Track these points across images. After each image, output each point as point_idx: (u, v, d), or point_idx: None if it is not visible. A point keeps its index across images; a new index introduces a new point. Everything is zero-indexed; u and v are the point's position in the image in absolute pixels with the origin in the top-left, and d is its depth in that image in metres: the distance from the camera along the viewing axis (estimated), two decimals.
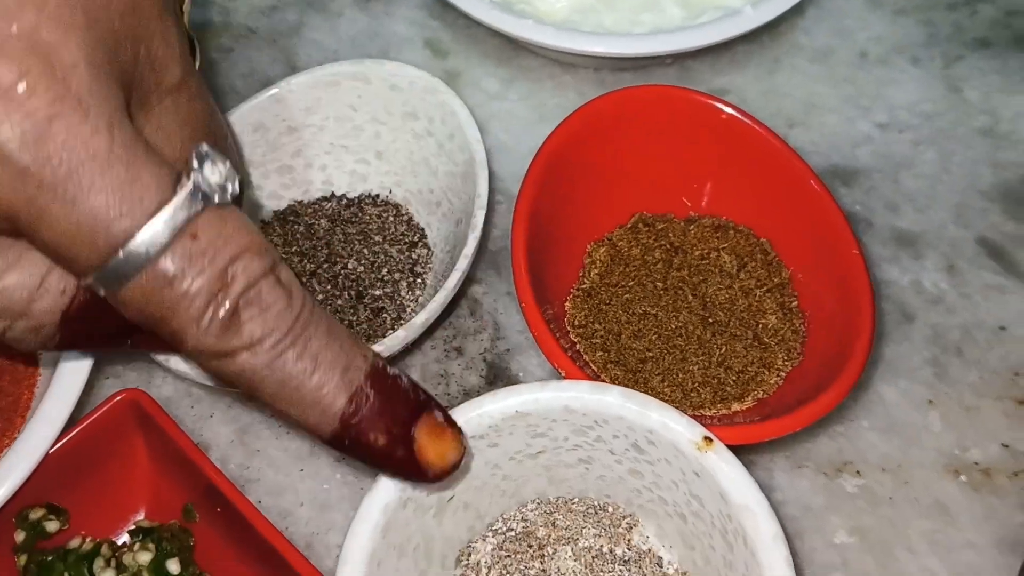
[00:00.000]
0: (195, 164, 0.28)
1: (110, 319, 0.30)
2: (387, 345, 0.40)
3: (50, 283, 0.30)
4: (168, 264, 0.27)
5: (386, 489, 0.36)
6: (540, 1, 0.54)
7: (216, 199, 0.28)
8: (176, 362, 0.40)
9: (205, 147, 0.29)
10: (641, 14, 0.55)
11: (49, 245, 0.27)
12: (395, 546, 0.37)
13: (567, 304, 0.46)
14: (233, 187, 0.29)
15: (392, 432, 0.31)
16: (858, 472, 0.45)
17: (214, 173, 0.28)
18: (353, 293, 0.45)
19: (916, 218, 0.51)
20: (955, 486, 0.44)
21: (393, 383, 0.32)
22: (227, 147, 0.37)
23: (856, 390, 0.46)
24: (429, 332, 0.47)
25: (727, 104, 0.46)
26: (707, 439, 0.35)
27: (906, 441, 0.45)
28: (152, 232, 0.27)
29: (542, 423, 0.38)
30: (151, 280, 0.27)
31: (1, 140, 0.25)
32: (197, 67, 0.36)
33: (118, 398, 0.40)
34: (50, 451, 0.38)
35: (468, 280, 0.49)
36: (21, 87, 0.25)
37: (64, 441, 0.39)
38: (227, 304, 0.28)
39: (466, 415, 0.37)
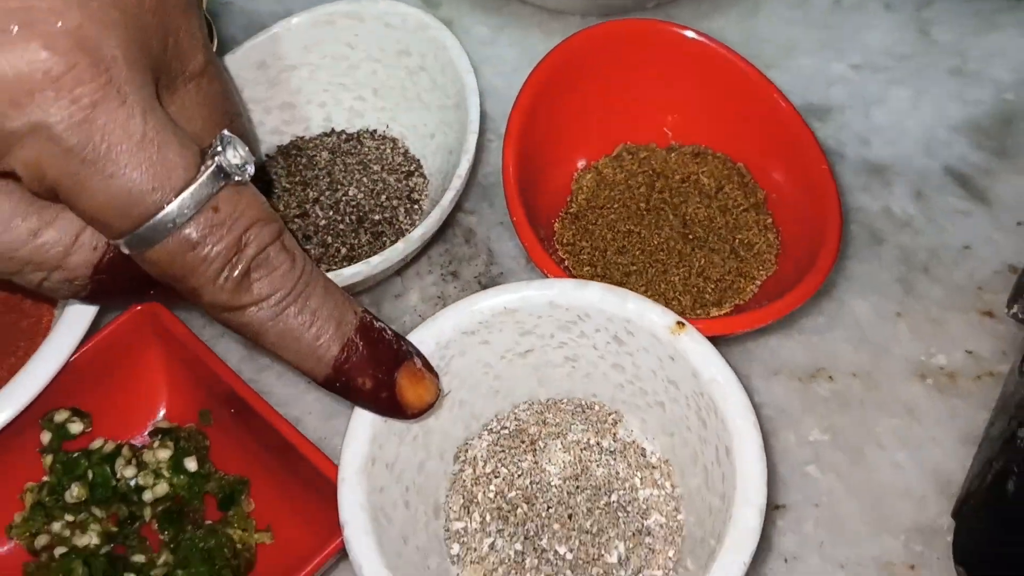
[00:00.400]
0: (219, 148, 0.32)
1: (137, 274, 0.34)
2: (386, 257, 0.43)
3: (83, 240, 0.34)
4: (191, 232, 0.32)
5: None
6: None
7: (234, 178, 0.32)
8: None
9: (228, 133, 0.33)
10: None
11: (87, 212, 0.32)
12: (395, 432, 0.40)
13: (556, 225, 0.49)
14: (250, 168, 0.33)
15: (377, 377, 0.36)
16: (831, 378, 0.48)
17: (235, 156, 0.33)
18: (354, 218, 0.48)
19: (886, 150, 0.54)
20: (922, 388, 0.47)
21: (379, 335, 0.37)
22: (243, 124, 0.41)
23: (828, 304, 0.49)
24: (426, 252, 0.50)
25: (703, 35, 0.49)
26: (679, 323, 0.38)
27: (876, 349, 0.48)
28: (179, 205, 0.31)
29: (529, 320, 0.41)
30: (176, 245, 0.32)
31: (51, 122, 0.29)
32: (214, 49, 0.40)
33: (137, 309, 0.43)
34: (73, 356, 0.42)
35: (462, 211, 0.52)
36: (70, 77, 0.29)
37: (86, 348, 0.42)
38: (240, 267, 0.33)
39: (458, 312, 0.40)
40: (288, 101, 0.50)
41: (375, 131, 0.51)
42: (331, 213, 0.48)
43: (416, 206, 0.49)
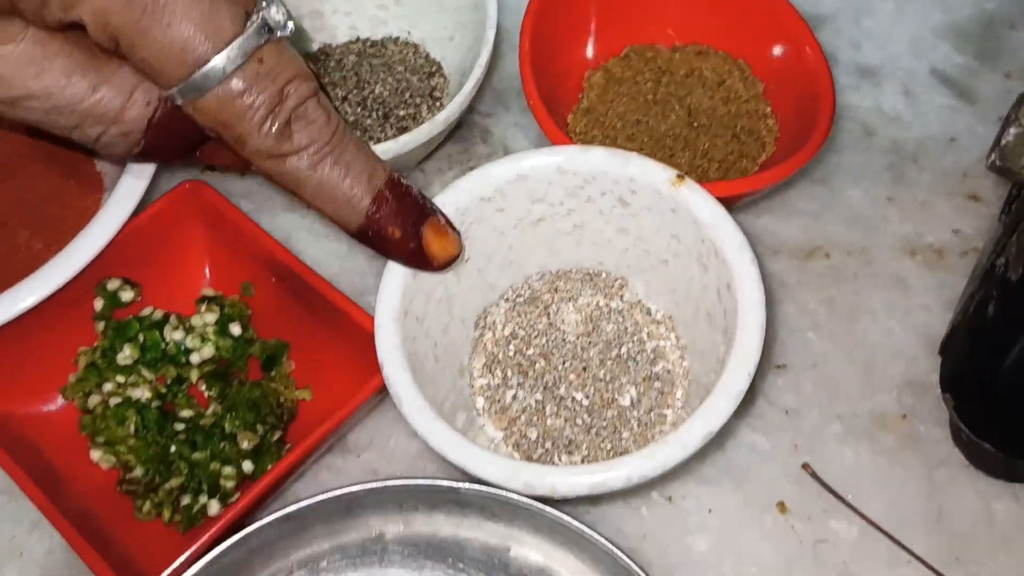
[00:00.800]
0: (263, 4, 0.36)
1: (186, 129, 0.38)
2: (414, 136, 0.46)
3: (138, 96, 0.38)
4: (239, 82, 0.35)
5: None
6: None
7: (277, 33, 0.36)
8: None
9: None
10: None
11: (145, 60, 0.35)
12: (423, 290, 0.43)
13: (568, 118, 0.52)
14: (291, 24, 0.37)
15: (406, 228, 0.40)
16: (827, 255, 0.51)
17: (277, 12, 0.36)
18: (380, 114, 0.51)
19: (876, 53, 0.58)
20: (912, 264, 0.50)
21: (406, 190, 0.40)
22: None
23: (823, 191, 0.53)
24: (446, 149, 0.54)
25: None
26: (679, 176, 0.42)
27: (868, 230, 0.52)
28: (227, 56, 0.35)
29: (539, 186, 0.44)
30: (225, 93, 0.35)
31: None
32: None
33: (185, 186, 0.47)
34: (123, 228, 0.45)
35: (479, 113, 0.56)
36: None
37: (135, 221, 0.46)
38: (282, 115, 0.36)
39: (475, 179, 0.44)
40: (316, 9, 0.54)
41: (397, 37, 0.55)
42: (359, 110, 0.51)
43: (438, 103, 0.52)
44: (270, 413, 0.44)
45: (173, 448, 0.43)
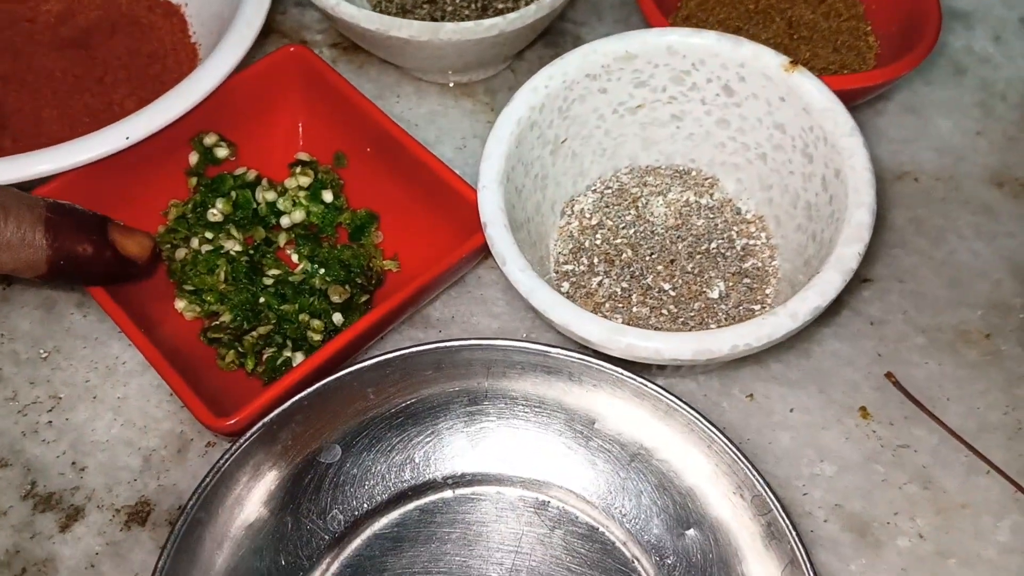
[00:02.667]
0: None
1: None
2: (521, 15, 0.46)
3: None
4: None
5: (518, 106, 0.43)
6: None
7: None
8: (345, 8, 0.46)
9: None
10: None
11: None
12: (524, 163, 0.43)
13: (667, 21, 0.52)
14: None
15: (93, 239, 0.38)
16: (916, 179, 0.51)
17: None
18: (479, 3, 0.52)
19: (969, 0, 0.58)
20: (999, 193, 0.50)
21: (71, 208, 0.39)
22: None
23: (915, 120, 0.53)
24: (538, 52, 0.54)
25: None
26: (792, 62, 0.42)
27: (957, 159, 0.51)
28: None
29: (646, 68, 0.44)
30: None
31: None
32: None
33: (289, 50, 0.47)
34: (222, 84, 0.45)
35: (572, 22, 0.56)
36: None
37: (235, 77, 0.46)
38: None
39: (584, 53, 0.44)
40: None
41: None
42: (458, 1, 0.52)
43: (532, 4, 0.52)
44: (360, 274, 0.44)
45: (262, 300, 0.43)
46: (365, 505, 0.40)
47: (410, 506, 0.41)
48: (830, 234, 0.40)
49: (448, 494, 0.41)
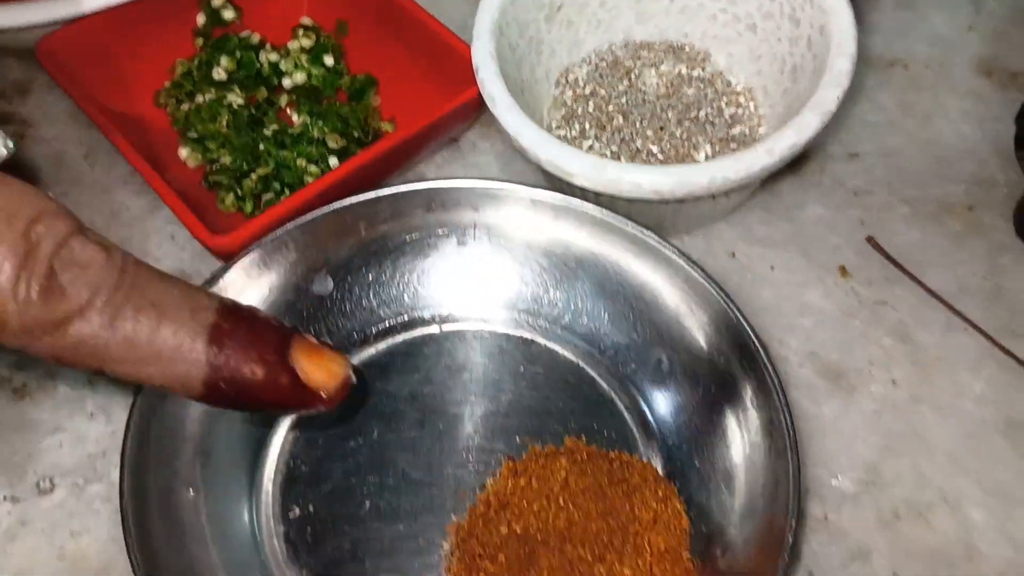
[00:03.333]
0: None
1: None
2: None
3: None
4: None
5: None
6: None
7: None
8: None
9: None
10: None
11: None
12: (518, 21, 0.45)
13: None
14: (10, 144, 0.28)
15: (268, 360, 0.29)
16: (906, 67, 0.52)
17: None
18: None
19: None
20: (987, 82, 0.51)
21: (250, 314, 0.30)
22: None
23: (906, 13, 0.54)
24: None
25: None
26: None
27: (947, 50, 0.52)
28: None
29: None
30: None
31: None
32: None
33: None
34: None
35: None
36: None
37: None
38: (40, 268, 0.26)
39: None
40: None
41: None
42: None
43: None
44: (357, 127, 0.45)
45: (262, 146, 0.45)
46: (355, 336, 0.42)
47: (398, 339, 0.42)
48: (813, 90, 0.41)
49: (435, 330, 0.43)
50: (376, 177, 0.44)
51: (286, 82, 0.48)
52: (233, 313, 0.29)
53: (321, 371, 0.30)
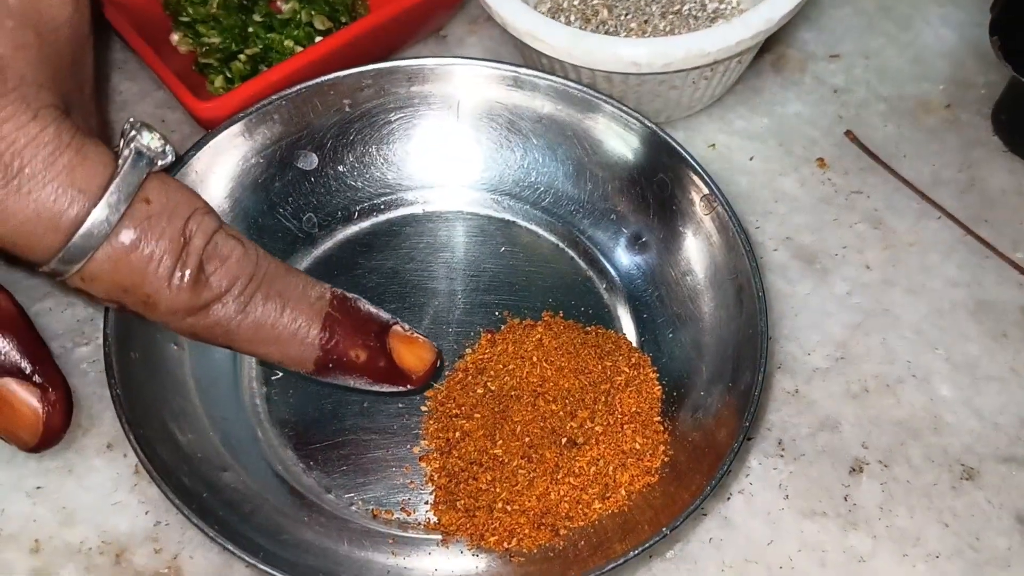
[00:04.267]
0: (132, 133, 0.30)
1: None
2: None
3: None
4: (130, 231, 0.29)
5: None
6: None
7: (158, 163, 0.30)
8: None
9: (134, 118, 0.31)
10: None
11: (7, 237, 0.29)
12: None
13: None
14: (171, 149, 0.31)
15: (369, 346, 0.34)
16: None
17: (151, 139, 0.30)
18: None
19: None
20: None
21: (355, 305, 0.35)
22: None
23: None
24: None
25: None
26: None
27: None
28: (108, 203, 0.29)
29: None
30: (117, 249, 0.29)
31: None
32: None
33: None
34: None
35: None
36: None
37: None
38: (192, 260, 0.30)
39: None
40: None
41: None
42: None
43: None
44: (344, 12, 0.46)
45: (251, 29, 0.46)
46: (339, 213, 0.43)
47: (381, 219, 0.43)
48: None
49: (418, 209, 0.43)
50: (361, 60, 0.45)
51: None
52: (343, 303, 0.34)
53: (413, 357, 0.36)
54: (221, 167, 0.40)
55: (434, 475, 0.37)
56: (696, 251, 0.40)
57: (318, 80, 0.41)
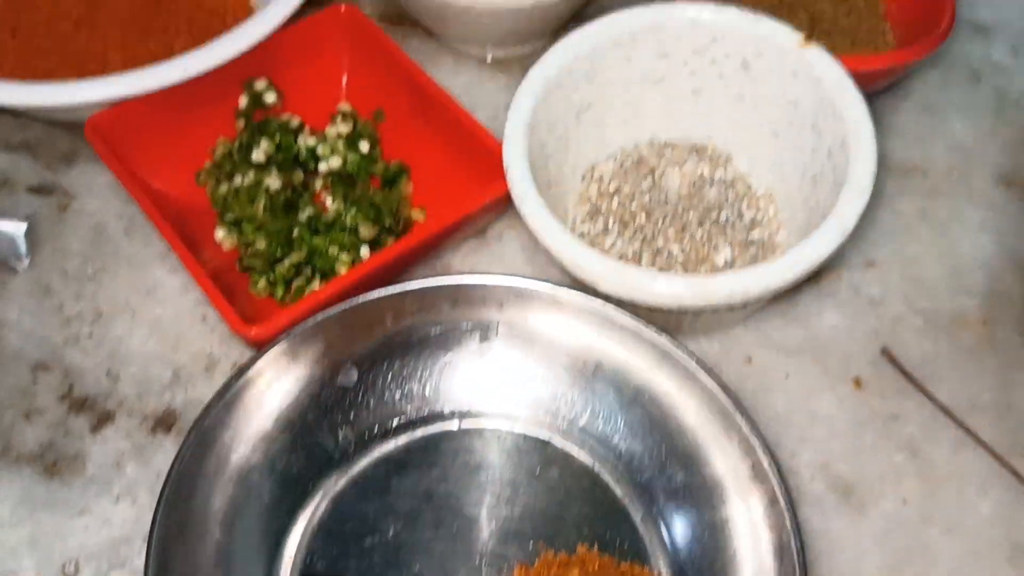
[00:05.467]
0: None
1: None
2: None
3: None
4: None
5: (547, 65, 0.46)
6: None
7: None
8: None
9: None
10: None
11: None
12: (548, 121, 0.46)
13: None
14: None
15: None
16: (925, 174, 0.53)
17: None
18: None
19: (990, 12, 0.60)
20: (1007, 193, 0.52)
21: None
22: None
23: (929, 119, 0.55)
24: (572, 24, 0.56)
25: None
26: (807, 37, 0.44)
27: (967, 158, 0.53)
28: None
29: (669, 39, 0.47)
30: None
31: None
32: None
33: (339, 8, 0.50)
34: (274, 32, 0.48)
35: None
36: None
37: (287, 29, 0.49)
38: None
39: (611, 21, 0.47)
40: None
41: None
42: None
43: None
44: (389, 216, 0.47)
45: (296, 232, 0.46)
46: (376, 428, 0.43)
47: (417, 434, 0.43)
48: (832, 200, 0.42)
49: (453, 426, 0.43)
50: (404, 266, 0.45)
51: (322, 166, 0.49)
52: None
53: None
54: (263, 391, 0.40)
55: None
56: (737, 513, 0.40)
57: (362, 300, 0.41)
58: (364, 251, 0.45)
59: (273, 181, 0.47)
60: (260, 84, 0.50)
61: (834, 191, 0.42)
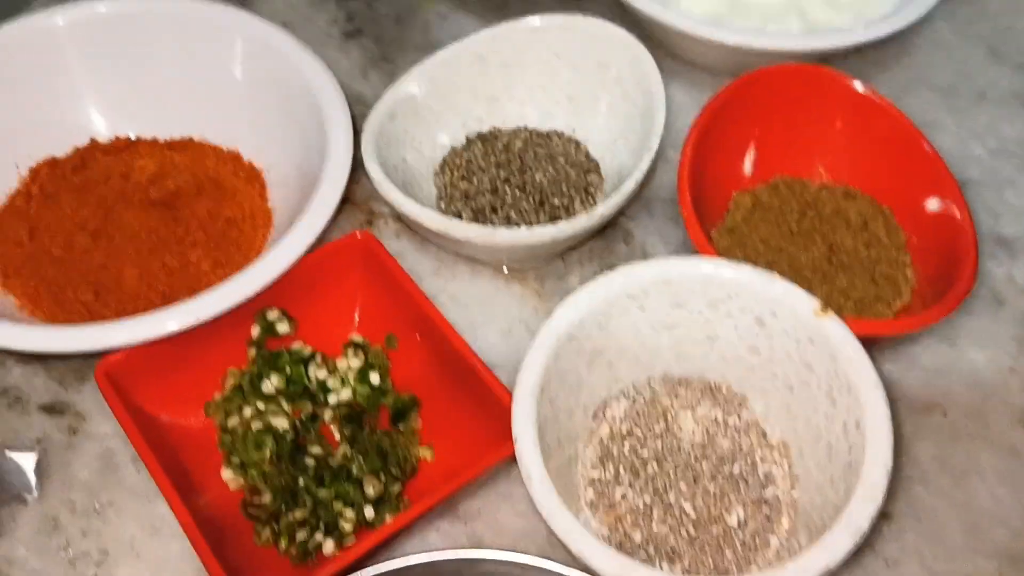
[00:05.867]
0: None
1: None
2: (572, 224, 0.49)
3: None
4: None
5: (559, 322, 0.45)
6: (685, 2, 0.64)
7: None
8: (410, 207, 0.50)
9: None
10: (767, 24, 0.64)
11: None
12: (560, 373, 0.45)
13: (712, 234, 0.54)
14: None
15: None
16: (944, 413, 0.52)
17: None
18: (536, 199, 0.55)
19: (1014, 226, 0.59)
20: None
21: None
22: None
23: (949, 350, 0.54)
24: (589, 244, 0.57)
25: (869, 87, 0.55)
26: (824, 307, 0.44)
27: (988, 395, 0.52)
28: None
29: (683, 292, 0.47)
30: None
31: None
32: None
33: (356, 235, 0.50)
34: (294, 263, 0.48)
35: (624, 216, 0.59)
36: None
37: (306, 258, 0.49)
38: None
39: (626, 275, 0.46)
40: (493, 95, 0.58)
41: (562, 133, 0.58)
42: (518, 192, 0.55)
43: (591, 199, 0.55)
44: (396, 464, 0.46)
45: (301, 482, 0.46)
46: None
47: None
48: (846, 486, 0.41)
49: None
50: (414, 525, 0.45)
51: (332, 399, 0.49)
52: None
53: None
54: None
55: None
56: None
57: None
58: (368, 512, 0.45)
59: (281, 421, 0.47)
60: (272, 314, 0.50)
61: (848, 475, 0.41)
